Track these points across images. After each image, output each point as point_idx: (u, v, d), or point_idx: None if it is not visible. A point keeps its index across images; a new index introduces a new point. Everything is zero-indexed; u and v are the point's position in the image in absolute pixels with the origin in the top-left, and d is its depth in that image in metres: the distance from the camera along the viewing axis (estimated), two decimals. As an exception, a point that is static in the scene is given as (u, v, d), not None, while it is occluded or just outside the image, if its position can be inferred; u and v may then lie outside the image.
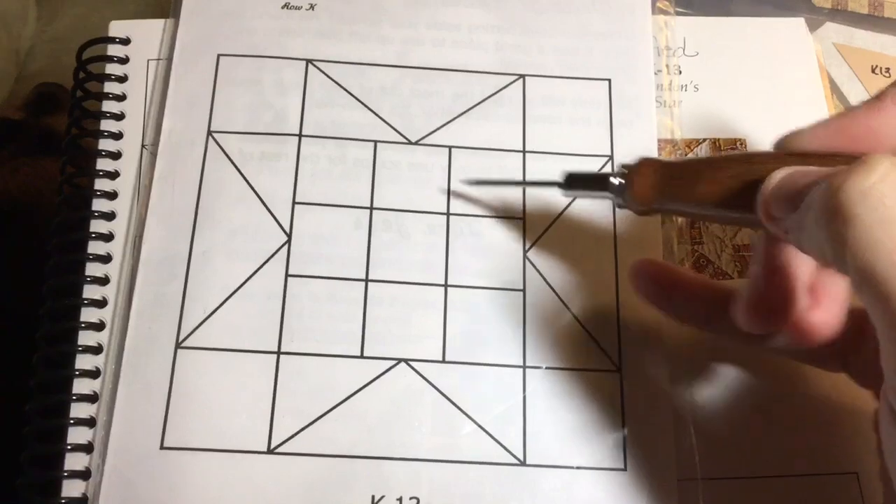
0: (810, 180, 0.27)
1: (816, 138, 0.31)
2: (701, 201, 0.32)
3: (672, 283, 0.37)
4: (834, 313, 0.33)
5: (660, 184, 0.34)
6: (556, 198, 0.43)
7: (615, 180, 0.36)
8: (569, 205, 0.43)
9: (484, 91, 0.45)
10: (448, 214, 0.43)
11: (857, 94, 0.49)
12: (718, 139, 0.46)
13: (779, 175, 0.28)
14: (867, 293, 0.24)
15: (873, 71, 0.50)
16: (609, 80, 0.46)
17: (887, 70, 0.50)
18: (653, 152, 0.44)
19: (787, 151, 0.31)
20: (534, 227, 0.43)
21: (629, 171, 0.35)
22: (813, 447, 0.40)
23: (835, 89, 0.49)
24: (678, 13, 0.48)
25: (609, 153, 0.44)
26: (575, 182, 0.38)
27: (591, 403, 0.40)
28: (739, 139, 0.46)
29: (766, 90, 0.47)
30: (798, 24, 0.49)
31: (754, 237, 0.34)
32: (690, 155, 0.45)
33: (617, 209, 0.37)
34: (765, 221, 0.29)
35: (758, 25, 0.49)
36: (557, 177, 0.38)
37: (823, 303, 0.33)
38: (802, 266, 0.33)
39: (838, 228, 0.24)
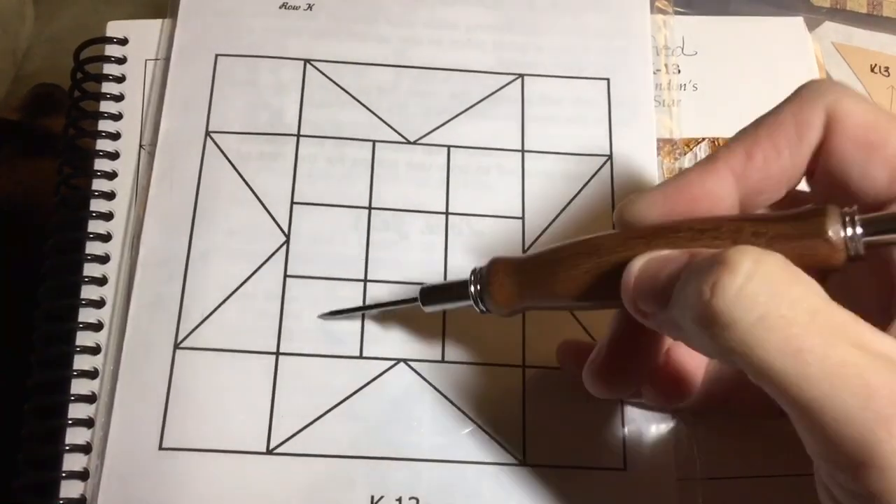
0: (671, 271, 0.27)
1: (656, 206, 0.30)
2: (563, 298, 0.31)
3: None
4: (692, 378, 0.35)
5: (517, 287, 0.33)
6: (556, 197, 0.43)
7: (472, 288, 0.34)
8: (568, 204, 0.43)
9: (482, 90, 0.45)
10: (447, 214, 0.42)
11: (856, 92, 0.49)
12: (717, 138, 0.45)
13: (636, 267, 0.28)
14: (769, 388, 0.24)
15: (872, 70, 0.50)
16: (608, 80, 0.46)
17: (886, 69, 0.50)
18: (652, 152, 0.44)
19: (629, 230, 0.30)
20: (532, 226, 0.42)
21: (483, 278, 0.34)
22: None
23: (834, 88, 0.49)
24: (677, 12, 0.48)
25: (608, 152, 0.44)
26: (432, 296, 0.37)
27: (590, 403, 0.39)
28: (738, 138, 0.46)
29: (764, 89, 0.47)
30: (797, 23, 0.49)
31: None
32: (689, 155, 0.45)
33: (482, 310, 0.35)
34: (637, 317, 0.29)
35: (757, 25, 0.49)
36: (415, 294, 0.37)
37: (681, 369, 0.34)
38: (657, 342, 0.33)
39: (720, 333, 0.24)
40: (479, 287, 0.34)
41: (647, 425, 0.39)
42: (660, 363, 0.35)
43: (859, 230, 0.26)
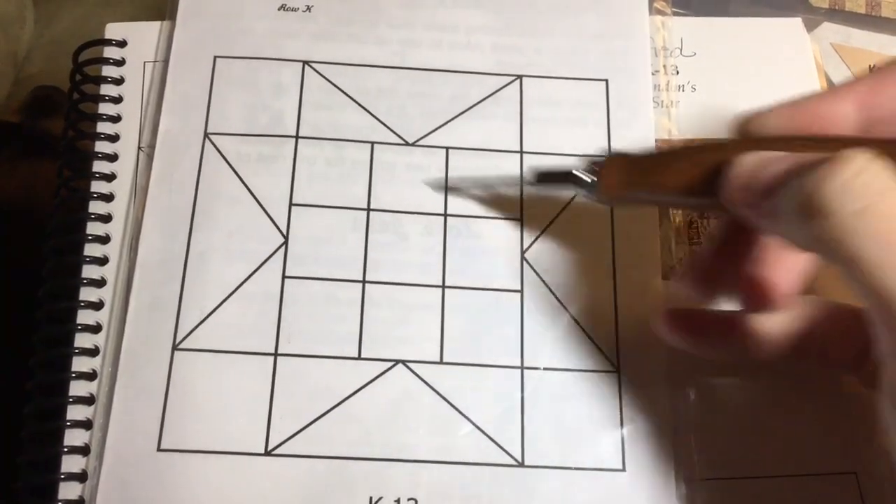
0: (784, 168, 0.28)
1: (775, 118, 0.32)
2: (667, 191, 0.33)
3: (699, 323, 0.38)
4: (788, 280, 0.34)
5: (627, 178, 0.35)
6: (554, 199, 0.43)
7: (585, 177, 0.37)
8: (566, 205, 0.43)
9: (481, 92, 0.45)
10: (445, 215, 0.42)
11: (854, 93, 0.49)
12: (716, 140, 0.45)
13: (748, 160, 0.29)
14: (856, 282, 0.25)
15: (871, 70, 0.50)
16: (606, 81, 0.46)
17: (885, 69, 0.50)
18: (651, 153, 0.44)
19: (747, 136, 0.32)
20: (531, 227, 0.43)
21: (598, 167, 0.36)
22: (812, 447, 0.39)
23: (832, 89, 0.49)
24: (676, 13, 0.48)
25: (607, 154, 0.44)
26: (544, 179, 0.40)
27: (589, 404, 0.40)
28: (737, 139, 0.46)
29: (763, 90, 0.47)
30: (795, 24, 0.49)
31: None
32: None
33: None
34: (731, 206, 0.30)
35: (755, 25, 0.49)
36: (526, 173, 0.40)
37: (778, 271, 0.34)
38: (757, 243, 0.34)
39: (820, 222, 0.25)
40: (593, 178, 0.36)
41: (646, 426, 0.39)
42: (751, 272, 0.35)
43: None
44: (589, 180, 0.37)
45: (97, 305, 0.41)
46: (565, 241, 0.42)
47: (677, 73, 0.47)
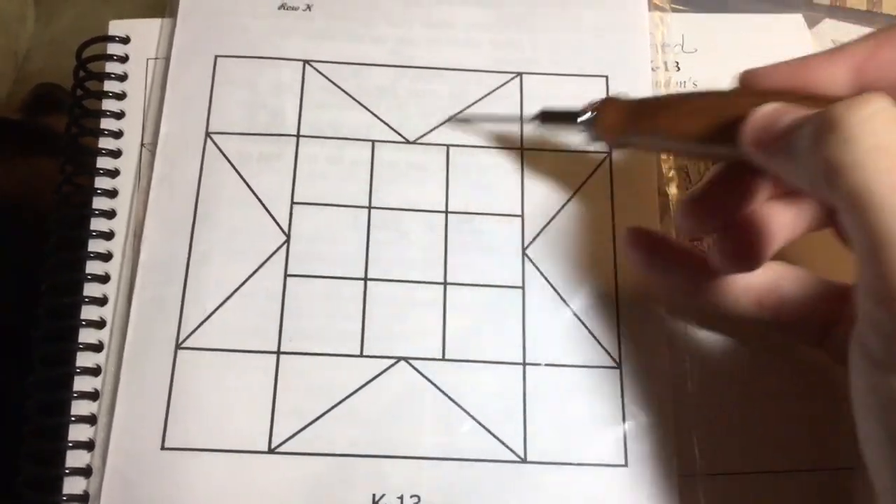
0: (800, 115, 0.28)
1: (773, 75, 0.33)
2: (673, 133, 0.34)
3: (664, 251, 0.39)
4: (771, 240, 0.35)
5: (626, 119, 0.36)
6: (555, 195, 0.43)
7: (587, 114, 0.38)
8: (567, 201, 0.43)
9: (481, 90, 0.45)
10: (447, 213, 0.43)
11: (855, 89, 0.49)
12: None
13: (769, 107, 0.30)
14: (856, 216, 0.25)
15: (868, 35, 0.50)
16: (606, 77, 0.46)
17: (885, 65, 0.50)
18: (651, 149, 0.44)
19: (752, 88, 0.33)
20: (532, 224, 0.43)
21: (600, 105, 0.38)
22: (813, 443, 0.40)
23: (833, 85, 0.49)
24: (677, 10, 0.48)
25: (607, 150, 0.44)
26: (548, 117, 0.41)
27: (591, 400, 0.40)
28: (737, 135, 0.46)
29: (764, 86, 0.47)
30: (796, 20, 0.49)
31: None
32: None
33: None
34: (750, 147, 0.30)
35: (756, 22, 0.49)
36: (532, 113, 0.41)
37: (765, 228, 0.35)
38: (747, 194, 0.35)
39: (834, 150, 0.25)
40: (594, 113, 0.38)
41: (648, 421, 0.39)
42: (743, 218, 0.35)
43: None
44: (589, 116, 0.38)
45: (101, 301, 0.41)
46: (567, 237, 0.42)
47: (678, 69, 0.47)
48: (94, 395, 0.39)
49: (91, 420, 0.39)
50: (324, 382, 0.39)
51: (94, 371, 0.40)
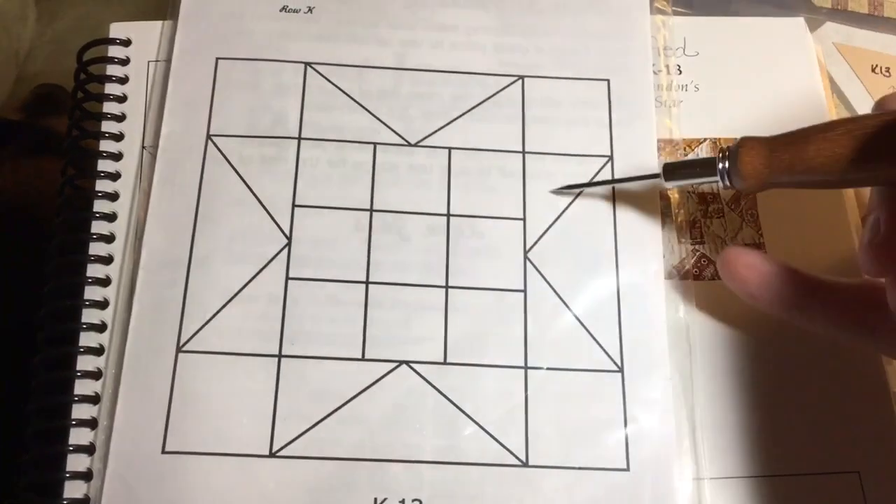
0: None
1: None
2: (815, 164, 0.33)
3: (765, 274, 0.38)
4: None
5: (767, 157, 0.35)
6: (556, 198, 0.43)
7: (720, 164, 0.36)
8: (569, 205, 0.43)
9: (483, 92, 0.45)
10: (448, 216, 0.42)
11: (857, 93, 0.49)
12: (719, 139, 0.45)
13: None
14: None
15: (873, 70, 0.50)
16: (608, 81, 0.46)
17: (887, 69, 0.50)
18: (653, 152, 0.44)
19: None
20: (534, 227, 0.43)
21: (732, 151, 0.36)
22: (815, 446, 0.40)
23: (835, 89, 0.49)
24: (680, 13, 0.48)
25: (608, 154, 0.44)
26: (677, 171, 0.39)
27: (593, 404, 0.40)
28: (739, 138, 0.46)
29: (766, 90, 0.47)
30: (798, 23, 0.49)
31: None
32: (691, 154, 0.45)
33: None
34: None
35: (758, 25, 0.49)
36: (656, 170, 0.40)
37: None
38: None
39: None
40: (726, 161, 0.36)
41: (650, 425, 0.39)
42: None
43: None
44: (722, 167, 0.36)
45: (102, 304, 0.41)
46: (568, 240, 0.42)
47: (680, 72, 0.47)
48: (94, 399, 0.39)
49: (92, 424, 0.39)
50: (325, 386, 0.39)
51: (95, 374, 0.40)
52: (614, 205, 0.43)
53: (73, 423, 0.39)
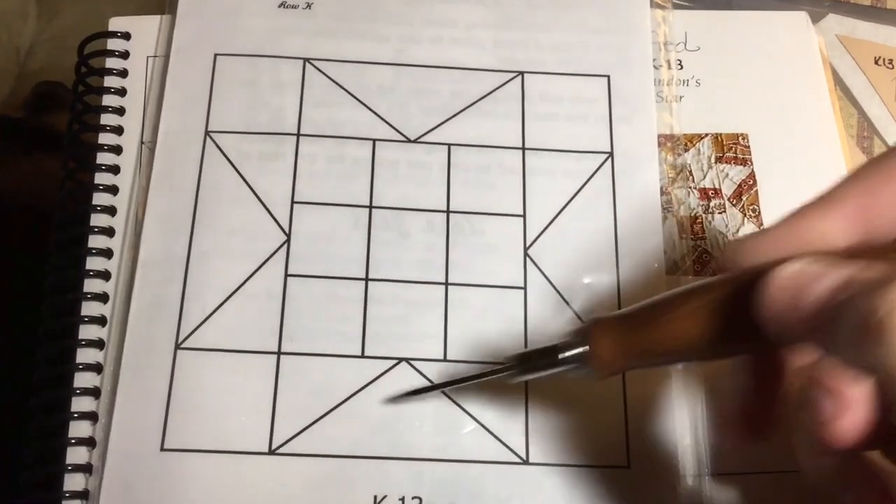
0: (832, 285, 0.25)
1: (765, 248, 0.28)
2: (673, 343, 0.30)
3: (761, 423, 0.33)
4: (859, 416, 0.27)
5: (622, 343, 0.31)
6: (556, 194, 0.43)
7: (572, 351, 0.32)
8: (570, 201, 0.43)
9: (482, 88, 0.45)
10: (448, 212, 0.42)
11: (860, 85, 0.49)
12: (720, 134, 0.45)
13: (786, 277, 0.26)
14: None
15: (876, 62, 0.50)
16: (608, 77, 0.45)
17: (890, 61, 0.50)
18: (653, 148, 0.44)
19: (740, 269, 0.29)
20: (534, 224, 0.42)
21: (585, 337, 0.32)
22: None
23: (838, 81, 0.49)
24: (680, 7, 0.48)
25: (608, 150, 0.44)
26: (527, 364, 0.34)
27: (593, 401, 0.39)
28: (741, 134, 0.45)
29: (768, 83, 0.47)
30: (800, 16, 0.48)
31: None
32: (692, 151, 0.45)
33: None
34: (769, 329, 0.27)
35: (760, 19, 0.48)
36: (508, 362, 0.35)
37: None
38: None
39: (885, 359, 0.22)
40: (582, 350, 0.32)
41: (651, 422, 0.39)
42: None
43: None
44: (576, 353, 0.32)
45: (103, 298, 0.41)
46: (568, 236, 0.42)
47: (681, 67, 0.47)
48: (95, 392, 0.39)
49: (92, 417, 0.39)
50: (325, 383, 0.39)
51: (96, 368, 0.39)
52: (615, 201, 0.43)
53: (74, 415, 0.38)
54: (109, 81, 0.45)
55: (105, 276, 0.41)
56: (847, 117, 0.48)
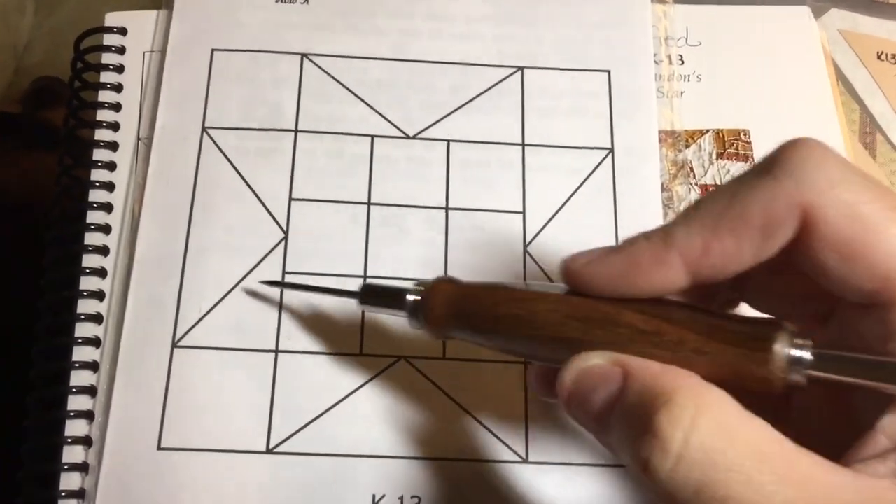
0: (606, 396, 0.26)
1: (603, 274, 0.29)
2: (495, 347, 0.31)
3: None
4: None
5: (453, 318, 0.31)
6: (556, 191, 0.42)
7: (410, 297, 0.33)
8: (569, 198, 0.43)
9: (482, 84, 0.45)
10: (447, 209, 0.42)
11: (862, 80, 0.49)
12: (722, 130, 0.45)
13: (568, 379, 0.27)
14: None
15: (879, 57, 0.49)
16: (608, 72, 0.45)
17: (893, 56, 0.49)
18: (654, 144, 0.44)
19: (570, 299, 0.29)
20: (534, 221, 0.42)
21: (425, 290, 0.33)
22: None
23: (840, 76, 0.48)
24: (682, 2, 0.48)
25: (609, 146, 0.44)
26: (370, 295, 0.35)
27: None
28: (743, 129, 0.45)
29: (770, 78, 0.46)
30: (802, 11, 0.48)
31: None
32: (693, 147, 0.45)
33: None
34: (567, 411, 0.28)
35: (762, 13, 0.48)
36: (356, 287, 0.36)
37: None
38: None
39: (651, 457, 0.23)
40: (417, 298, 0.33)
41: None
42: None
43: (807, 356, 0.25)
44: (412, 301, 0.33)
45: (99, 295, 0.41)
46: (568, 233, 0.42)
47: (682, 62, 0.46)
48: (92, 391, 0.39)
49: (89, 415, 0.38)
50: (323, 381, 0.39)
51: (93, 366, 0.39)
52: (615, 197, 0.43)
53: (71, 414, 0.38)
54: (106, 77, 0.45)
55: (101, 273, 0.41)
56: (849, 113, 0.48)
